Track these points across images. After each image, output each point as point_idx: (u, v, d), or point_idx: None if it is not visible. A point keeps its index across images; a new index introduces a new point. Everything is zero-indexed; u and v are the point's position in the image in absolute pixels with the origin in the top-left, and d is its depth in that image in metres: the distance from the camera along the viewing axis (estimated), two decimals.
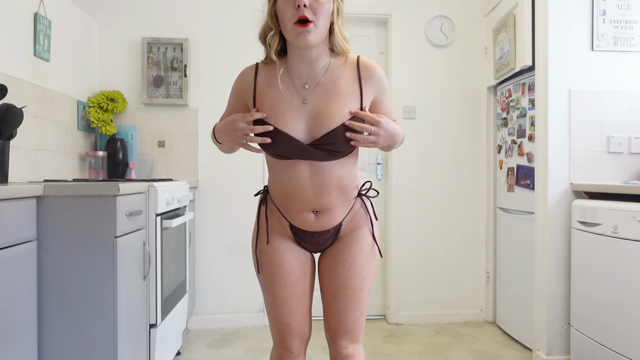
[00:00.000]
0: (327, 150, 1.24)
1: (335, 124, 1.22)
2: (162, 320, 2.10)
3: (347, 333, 1.36)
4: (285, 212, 1.35)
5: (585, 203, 2.23)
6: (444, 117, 3.23)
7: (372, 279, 1.39)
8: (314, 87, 1.26)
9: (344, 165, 1.30)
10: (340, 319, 1.36)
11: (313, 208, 1.32)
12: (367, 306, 1.41)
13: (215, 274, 3.11)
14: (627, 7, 2.42)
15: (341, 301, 1.35)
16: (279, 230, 1.37)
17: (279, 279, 1.35)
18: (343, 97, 1.25)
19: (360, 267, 1.35)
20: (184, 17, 3.10)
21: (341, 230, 1.37)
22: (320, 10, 1.18)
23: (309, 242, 1.38)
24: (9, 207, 1.38)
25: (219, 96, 3.12)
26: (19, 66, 2.16)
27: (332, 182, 1.29)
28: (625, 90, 2.43)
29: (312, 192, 1.29)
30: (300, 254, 1.39)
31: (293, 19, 1.17)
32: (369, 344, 2.78)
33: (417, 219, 3.22)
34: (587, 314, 2.19)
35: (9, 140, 1.84)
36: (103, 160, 2.80)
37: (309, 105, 1.25)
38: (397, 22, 3.20)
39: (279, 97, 1.26)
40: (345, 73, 1.28)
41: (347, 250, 1.36)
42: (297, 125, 1.24)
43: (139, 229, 1.87)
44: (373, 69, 1.30)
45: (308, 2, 1.16)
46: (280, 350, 1.40)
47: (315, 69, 1.27)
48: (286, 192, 1.32)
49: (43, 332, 1.57)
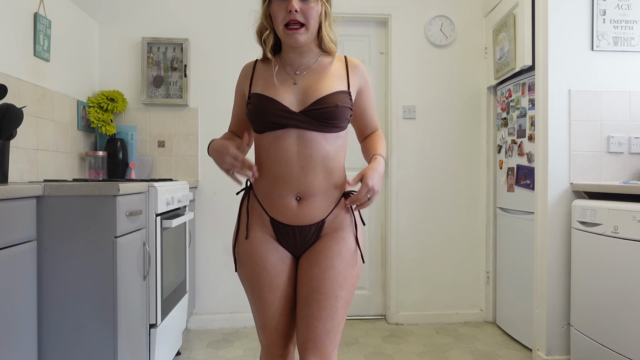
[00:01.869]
0: (317, 117, 1.26)
1: (325, 93, 1.28)
2: (162, 320, 2.10)
3: (315, 347, 1.24)
4: (267, 202, 1.31)
5: (585, 203, 2.23)
6: (444, 117, 3.23)
7: (350, 288, 1.30)
8: (304, 72, 1.34)
9: (331, 143, 1.29)
10: (309, 329, 1.25)
11: (297, 191, 1.28)
12: (343, 320, 1.29)
13: (215, 274, 3.11)
14: (627, 7, 2.42)
15: (312, 307, 1.26)
16: (260, 228, 1.33)
17: (264, 282, 1.30)
18: (332, 77, 1.32)
19: (337, 272, 1.27)
20: (184, 17, 3.10)
21: (323, 229, 1.32)
22: (309, 14, 1.26)
23: (289, 240, 1.32)
24: (9, 207, 1.38)
25: (219, 96, 3.12)
26: (19, 66, 2.16)
27: (318, 157, 1.27)
28: (625, 90, 2.43)
29: (297, 167, 1.27)
30: (284, 256, 1.33)
31: (284, 21, 1.26)
32: (369, 344, 2.78)
33: (417, 219, 3.22)
34: (587, 314, 2.19)
35: (9, 140, 1.83)
36: (103, 160, 2.80)
37: (298, 85, 1.31)
38: (397, 22, 3.20)
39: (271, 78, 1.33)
40: (334, 64, 1.37)
41: (325, 251, 1.29)
42: (287, 97, 1.29)
43: (139, 229, 1.87)
44: (358, 63, 1.40)
45: (299, 7, 1.24)
46: (269, 355, 1.36)
47: (306, 58, 1.35)
48: (271, 171, 1.29)
49: (43, 332, 1.57)
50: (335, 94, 1.28)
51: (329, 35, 1.33)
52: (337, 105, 1.26)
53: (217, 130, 3.12)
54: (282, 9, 1.25)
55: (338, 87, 1.31)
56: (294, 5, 1.23)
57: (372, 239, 3.29)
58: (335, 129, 1.29)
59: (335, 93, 1.28)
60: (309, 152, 1.27)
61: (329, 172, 1.30)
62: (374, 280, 3.30)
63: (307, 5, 1.25)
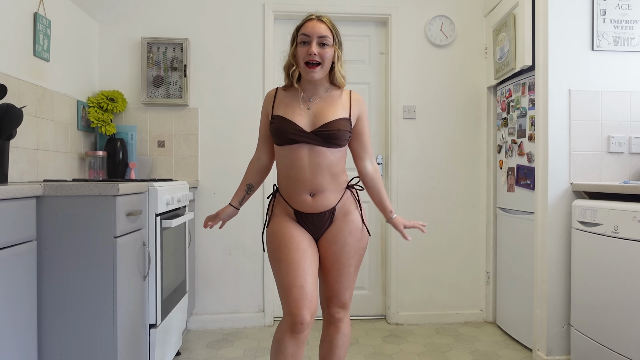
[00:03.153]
0: (323, 137, 1.63)
1: (331, 119, 1.65)
2: (162, 321, 2.10)
3: (338, 300, 1.75)
4: (290, 198, 1.71)
5: (586, 203, 2.23)
6: (444, 117, 3.23)
7: (359, 257, 1.76)
8: (316, 100, 1.71)
9: (334, 154, 1.67)
10: (332, 289, 1.74)
11: (310, 189, 1.67)
12: (355, 278, 1.78)
13: (215, 274, 3.11)
14: (628, 6, 2.42)
15: (334, 274, 1.72)
16: (286, 216, 1.73)
17: (292, 245, 1.63)
18: (337, 106, 1.70)
19: (350, 247, 1.72)
20: (184, 17, 3.10)
21: (335, 214, 1.72)
22: (325, 56, 1.65)
23: (310, 224, 1.71)
24: (9, 207, 1.38)
25: (219, 96, 3.12)
26: (18, 66, 2.16)
27: (324, 164, 1.65)
28: (625, 90, 2.42)
29: (309, 172, 1.65)
30: (306, 232, 1.71)
31: (305, 59, 1.65)
32: (369, 344, 2.78)
33: (417, 219, 3.22)
34: (587, 314, 2.19)
35: (9, 140, 1.83)
36: (103, 160, 2.80)
37: (311, 110, 1.69)
38: (397, 22, 3.20)
39: (291, 103, 1.71)
40: (341, 96, 1.74)
41: (340, 233, 1.71)
42: (301, 120, 1.66)
43: (139, 229, 1.87)
44: (360, 98, 1.80)
45: (317, 50, 1.63)
46: (293, 320, 1.54)
47: (318, 89, 1.73)
48: (289, 176, 1.68)
49: (43, 332, 1.57)
50: (339, 120, 1.66)
51: (340, 73, 1.71)
52: (339, 129, 1.65)
53: (217, 130, 3.12)
54: (304, 51, 1.65)
55: (341, 114, 1.68)
56: (314, 50, 1.63)
57: (372, 239, 3.29)
58: (337, 146, 1.67)
59: (339, 119, 1.66)
60: (318, 161, 1.65)
61: (333, 175, 1.68)
62: (374, 280, 3.30)
63: (323, 50, 1.65)
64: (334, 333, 1.78)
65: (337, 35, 1.70)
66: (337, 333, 1.78)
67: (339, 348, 1.79)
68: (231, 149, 3.11)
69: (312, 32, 1.64)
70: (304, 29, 1.67)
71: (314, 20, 1.67)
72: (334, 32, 1.68)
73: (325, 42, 1.65)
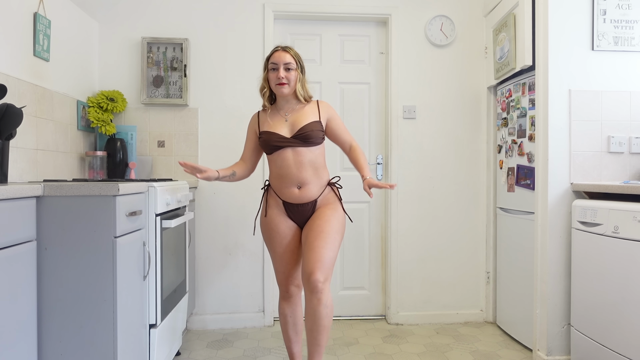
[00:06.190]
0: (301, 139, 2.05)
1: (304, 123, 2.07)
2: (162, 321, 2.10)
3: (322, 265, 1.93)
4: (279, 191, 2.10)
5: (586, 203, 2.23)
6: (444, 117, 3.23)
7: (341, 231, 2.06)
8: (291, 112, 2.13)
9: (313, 151, 2.07)
10: (318, 254, 1.94)
11: (297, 183, 2.06)
12: (337, 252, 2.02)
13: (215, 274, 3.11)
14: (628, 6, 2.42)
15: (320, 241, 1.97)
16: (276, 208, 2.13)
17: (276, 242, 2.12)
18: (308, 114, 2.12)
19: (334, 221, 2.04)
20: (184, 17, 3.10)
21: (317, 205, 2.10)
22: (290, 78, 2.08)
23: (296, 213, 2.10)
24: (9, 207, 1.38)
25: (218, 96, 3.12)
26: (18, 66, 2.16)
27: (306, 161, 2.06)
28: (625, 90, 2.42)
29: (295, 169, 2.05)
30: (291, 225, 2.12)
31: (276, 82, 2.08)
32: (369, 344, 2.78)
33: (417, 219, 3.22)
34: (587, 314, 2.19)
35: (9, 140, 1.83)
36: (103, 160, 2.80)
37: (288, 121, 2.11)
38: (397, 22, 3.20)
39: (272, 120, 2.14)
40: (310, 106, 2.15)
41: (323, 214, 2.06)
42: (282, 129, 2.09)
43: (139, 229, 1.87)
44: (325, 103, 2.20)
45: (284, 75, 2.06)
46: (284, 293, 2.19)
47: (290, 104, 2.15)
48: (279, 173, 2.08)
49: (43, 332, 1.57)
50: (311, 123, 2.07)
51: (301, 92, 2.12)
52: (312, 130, 2.05)
53: (216, 130, 3.12)
54: (274, 76, 2.08)
55: (312, 118, 2.09)
56: (281, 74, 2.06)
57: (372, 239, 3.29)
58: (314, 144, 2.07)
59: (311, 122, 2.07)
60: (300, 159, 2.06)
61: (315, 169, 2.08)
62: (374, 280, 3.30)
63: (289, 73, 2.08)
64: (317, 305, 1.92)
65: (300, 61, 2.13)
66: (319, 305, 1.92)
67: (322, 319, 1.93)
68: (231, 149, 3.11)
69: (279, 60, 2.08)
70: (272, 58, 2.10)
71: (279, 50, 2.10)
72: (297, 59, 2.11)
73: (289, 67, 2.08)
